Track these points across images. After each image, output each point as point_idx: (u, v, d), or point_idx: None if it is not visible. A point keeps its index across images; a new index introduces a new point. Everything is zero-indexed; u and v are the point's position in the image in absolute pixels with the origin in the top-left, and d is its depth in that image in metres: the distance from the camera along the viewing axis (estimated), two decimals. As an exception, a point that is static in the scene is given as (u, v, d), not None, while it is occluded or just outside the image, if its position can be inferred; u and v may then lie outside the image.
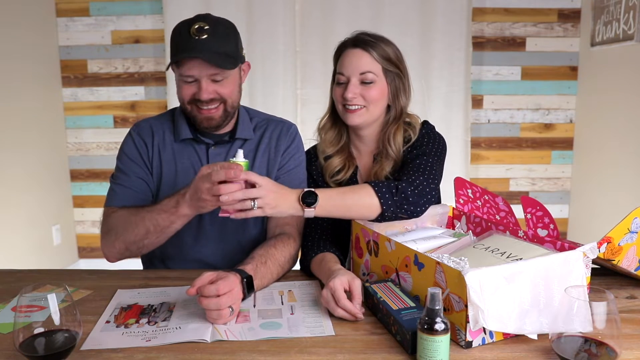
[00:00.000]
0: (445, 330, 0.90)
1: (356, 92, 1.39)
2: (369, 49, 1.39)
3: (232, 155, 1.25)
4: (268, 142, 1.50)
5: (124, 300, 1.23)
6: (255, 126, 1.52)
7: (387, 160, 1.44)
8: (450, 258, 1.12)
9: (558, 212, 3.46)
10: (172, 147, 1.46)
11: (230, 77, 1.37)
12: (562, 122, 3.40)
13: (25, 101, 3.06)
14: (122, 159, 1.47)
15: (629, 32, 2.61)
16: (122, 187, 1.44)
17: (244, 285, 1.19)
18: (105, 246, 1.38)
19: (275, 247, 1.36)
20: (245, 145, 1.48)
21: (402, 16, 3.18)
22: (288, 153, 1.51)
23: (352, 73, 1.39)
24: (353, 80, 1.39)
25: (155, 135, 1.47)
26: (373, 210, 1.28)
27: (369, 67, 1.39)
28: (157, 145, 1.46)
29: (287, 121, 1.57)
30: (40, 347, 0.88)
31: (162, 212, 1.27)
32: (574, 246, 1.08)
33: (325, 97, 1.58)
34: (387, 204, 1.27)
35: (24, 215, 3.06)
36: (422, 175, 1.34)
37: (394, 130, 1.44)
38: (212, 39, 1.31)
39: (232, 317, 1.11)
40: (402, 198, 1.29)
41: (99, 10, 3.32)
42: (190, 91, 1.36)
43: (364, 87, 1.39)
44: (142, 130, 1.48)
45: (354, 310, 1.09)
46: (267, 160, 1.49)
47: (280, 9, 3.19)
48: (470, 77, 3.26)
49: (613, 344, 0.86)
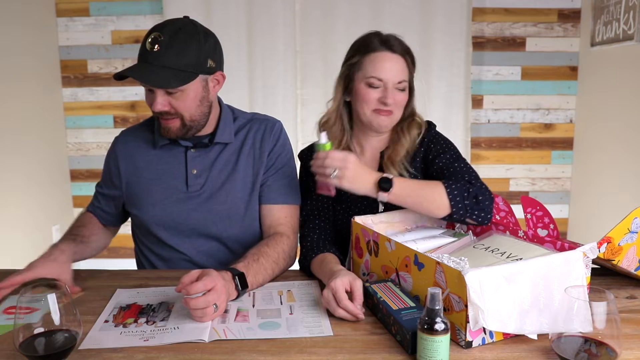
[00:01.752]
0: (445, 330, 0.90)
1: (395, 99, 1.40)
2: (406, 57, 1.41)
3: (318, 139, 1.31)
4: (252, 144, 1.48)
5: (123, 299, 1.23)
6: (238, 128, 1.49)
7: (397, 145, 1.45)
8: (450, 258, 1.12)
9: (558, 212, 3.46)
10: (149, 153, 1.47)
11: (186, 91, 1.31)
12: (562, 122, 3.40)
13: (25, 101, 3.05)
14: (103, 167, 1.58)
15: (629, 32, 2.60)
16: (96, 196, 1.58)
17: (236, 282, 1.19)
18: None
19: (268, 245, 1.36)
20: (227, 149, 1.46)
21: (402, 16, 3.18)
22: (274, 153, 1.49)
23: (390, 79, 1.39)
24: (390, 86, 1.39)
25: (134, 143, 1.50)
26: (442, 209, 1.28)
27: (405, 76, 1.41)
28: (132, 154, 1.49)
29: (271, 118, 1.54)
30: (40, 347, 0.88)
31: None
32: (574, 246, 1.08)
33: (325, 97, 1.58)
34: (458, 206, 1.27)
35: (24, 215, 3.06)
36: (478, 180, 1.35)
37: (407, 124, 1.47)
38: (164, 52, 1.27)
39: (217, 315, 1.11)
40: (474, 203, 1.28)
41: (99, 10, 3.32)
42: (149, 100, 1.36)
43: (396, 92, 1.41)
44: (119, 142, 1.55)
45: (355, 311, 1.09)
46: (252, 162, 1.47)
47: (280, 9, 3.18)
48: (470, 77, 3.26)
49: (613, 344, 0.86)
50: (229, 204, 1.44)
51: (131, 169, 1.48)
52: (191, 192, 1.44)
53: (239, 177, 1.46)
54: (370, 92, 1.41)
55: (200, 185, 1.44)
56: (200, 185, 1.44)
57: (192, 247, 1.47)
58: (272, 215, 1.47)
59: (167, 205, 1.44)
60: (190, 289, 1.08)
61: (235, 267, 1.23)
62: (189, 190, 1.44)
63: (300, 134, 3.26)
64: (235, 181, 1.45)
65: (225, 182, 1.45)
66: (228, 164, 1.46)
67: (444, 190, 1.28)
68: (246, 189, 1.46)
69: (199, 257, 1.48)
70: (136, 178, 1.47)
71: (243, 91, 3.23)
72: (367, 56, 1.41)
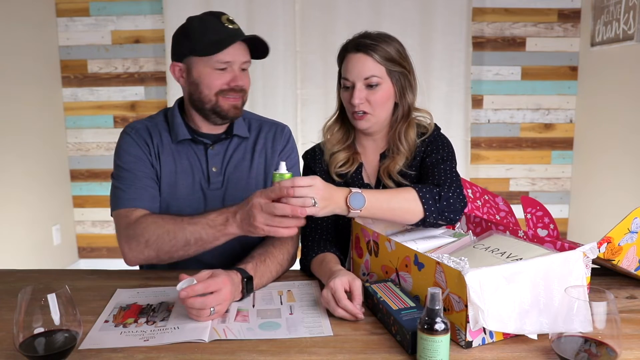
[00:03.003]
0: (445, 330, 0.90)
1: (362, 97, 1.38)
2: (370, 53, 1.38)
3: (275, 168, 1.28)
4: (264, 143, 1.51)
5: (123, 299, 1.23)
6: (249, 126, 1.52)
7: (398, 155, 1.44)
8: (450, 258, 1.12)
9: (558, 212, 3.46)
10: (170, 148, 1.45)
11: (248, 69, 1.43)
12: (562, 122, 3.40)
13: (25, 101, 3.06)
14: (125, 159, 1.41)
15: (629, 32, 2.60)
16: (135, 188, 1.38)
17: (244, 285, 1.19)
18: (131, 251, 1.31)
19: (274, 246, 1.36)
20: (242, 144, 1.48)
21: (402, 16, 3.18)
22: (284, 154, 1.51)
23: (357, 78, 1.38)
24: (358, 85, 1.38)
25: (153, 136, 1.45)
26: (416, 215, 1.28)
27: (372, 71, 1.38)
28: (157, 146, 1.44)
29: (280, 123, 1.58)
30: (40, 347, 0.88)
31: (209, 227, 1.25)
32: (574, 246, 1.07)
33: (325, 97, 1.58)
34: (430, 210, 1.27)
35: (24, 215, 3.06)
36: (454, 182, 1.35)
37: (405, 127, 1.45)
38: (241, 30, 1.38)
39: (213, 318, 1.11)
40: (444, 205, 1.29)
41: (99, 10, 3.32)
42: (223, 79, 1.37)
43: (370, 90, 1.39)
44: (140, 131, 1.44)
45: (355, 311, 1.09)
46: (264, 161, 1.50)
47: (280, 9, 3.19)
48: (470, 77, 3.26)
49: (613, 344, 0.86)
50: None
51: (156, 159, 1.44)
52: (212, 189, 1.45)
53: (253, 175, 1.48)
54: (344, 94, 1.43)
55: (220, 182, 1.46)
56: (220, 183, 1.46)
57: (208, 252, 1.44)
58: None
59: (193, 200, 1.44)
60: (189, 291, 1.07)
61: (244, 269, 1.23)
62: (210, 187, 1.45)
63: (300, 134, 3.26)
64: (250, 178, 1.48)
65: (241, 179, 1.47)
66: (244, 161, 1.48)
67: (416, 194, 1.28)
68: (259, 187, 1.47)
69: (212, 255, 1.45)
70: (159, 171, 1.44)
71: (243, 91, 3.23)
72: (343, 60, 1.44)
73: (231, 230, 1.23)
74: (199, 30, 1.36)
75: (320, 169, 1.50)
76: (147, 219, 1.32)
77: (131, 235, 1.31)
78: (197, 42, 1.35)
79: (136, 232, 1.30)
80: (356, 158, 1.49)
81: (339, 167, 1.47)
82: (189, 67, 1.39)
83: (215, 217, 1.25)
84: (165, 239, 1.28)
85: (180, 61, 1.41)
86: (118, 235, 1.35)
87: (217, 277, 1.12)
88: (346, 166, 1.47)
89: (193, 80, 1.39)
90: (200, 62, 1.36)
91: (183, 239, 1.27)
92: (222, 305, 1.11)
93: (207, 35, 1.34)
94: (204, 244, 1.27)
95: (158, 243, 1.28)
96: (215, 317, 1.11)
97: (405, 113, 1.45)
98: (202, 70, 1.37)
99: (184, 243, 1.27)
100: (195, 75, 1.38)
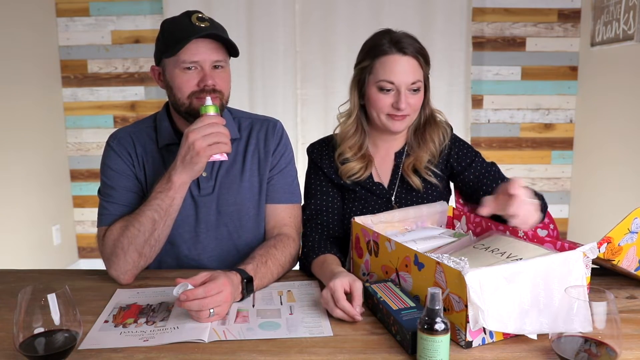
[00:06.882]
0: (445, 330, 0.90)
1: (409, 103, 1.37)
2: (417, 57, 1.37)
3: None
4: (256, 143, 1.46)
5: (123, 299, 1.23)
6: (239, 126, 1.48)
7: (420, 151, 1.45)
8: (450, 258, 1.12)
9: (558, 212, 3.46)
10: (156, 154, 1.41)
11: (226, 68, 1.36)
12: (562, 122, 3.40)
13: (25, 101, 3.06)
14: (107, 173, 1.39)
15: (629, 32, 2.60)
16: (112, 204, 1.37)
17: (243, 286, 1.19)
18: (115, 267, 1.30)
19: (276, 247, 1.35)
20: (233, 146, 1.41)
21: (402, 16, 3.18)
22: (278, 152, 1.48)
23: (403, 82, 1.36)
24: (403, 90, 1.36)
25: (136, 144, 1.41)
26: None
27: (418, 77, 1.38)
28: (140, 155, 1.41)
29: (272, 119, 1.53)
30: (40, 347, 0.88)
31: (159, 194, 1.26)
32: (574, 246, 1.07)
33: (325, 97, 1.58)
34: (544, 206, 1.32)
35: (24, 215, 3.06)
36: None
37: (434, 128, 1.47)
38: (212, 28, 1.30)
39: (213, 320, 1.10)
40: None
41: (99, 10, 3.32)
42: (193, 81, 1.30)
43: (410, 94, 1.38)
44: (122, 140, 1.41)
45: (352, 312, 1.09)
46: (257, 162, 1.46)
47: (280, 9, 3.19)
48: (470, 77, 3.26)
49: (613, 344, 0.86)
50: (238, 205, 1.43)
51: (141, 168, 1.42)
52: (203, 195, 1.41)
53: (245, 177, 1.44)
54: (382, 98, 1.38)
55: (212, 187, 1.42)
56: (211, 188, 1.42)
57: (202, 249, 1.44)
58: (277, 215, 1.46)
59: (183, 207, 1.36)
60: (190, 294, 1.07)
61: (244, 270, 1.22)
62: (201, 193, 1.41)
63: (300, 134, 3.26)
64: (243, 181, 1.44)
65: (233, 183, 1.43)
66: (235, 163, 1.44)
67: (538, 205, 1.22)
68: (254, 189, 1.45)
69: (209, 260, 1.45)
70: (144, 179, 1.41)
71: (243, 91, 3.24)
72: (378, 59, 1.37)
73: (178, 180, 1.26)
74: (168, 30, 1.33)
75: (327, 165, 1.49)
76: (111, 230, 1.32)
77: (108, 253, 1.31)
78: (164, 43, 1.33)
79: (110, 246, 1.31)
80: (370, 164, 1.47)
81: (353, 177, 1.46)
82: (164, 69, 1.36)
83: (159, 183, 1.28)
84: (134, 232, 1.28)
85: (157, 64, 1.38)
86: (103, 259, 1.35)
87: (216, 279, 1.12)
88: (359, 174, 1.46)
89: (167, 83, 1.36)
90: (170, 63, 1.32)
91: (148, 220, 1.27)
92: (222, 307, 1.11)
93: (174, 34, 1.30)
94: (167, 211, 1.28)
95: (132, 240, 1.28)
96: (215, 319, 1.11)
97: (432, 113, 1.48)
98: (172, 72, 1.32)
99: (151, 223, 1.28)
100: (168, 77, 1.34)
